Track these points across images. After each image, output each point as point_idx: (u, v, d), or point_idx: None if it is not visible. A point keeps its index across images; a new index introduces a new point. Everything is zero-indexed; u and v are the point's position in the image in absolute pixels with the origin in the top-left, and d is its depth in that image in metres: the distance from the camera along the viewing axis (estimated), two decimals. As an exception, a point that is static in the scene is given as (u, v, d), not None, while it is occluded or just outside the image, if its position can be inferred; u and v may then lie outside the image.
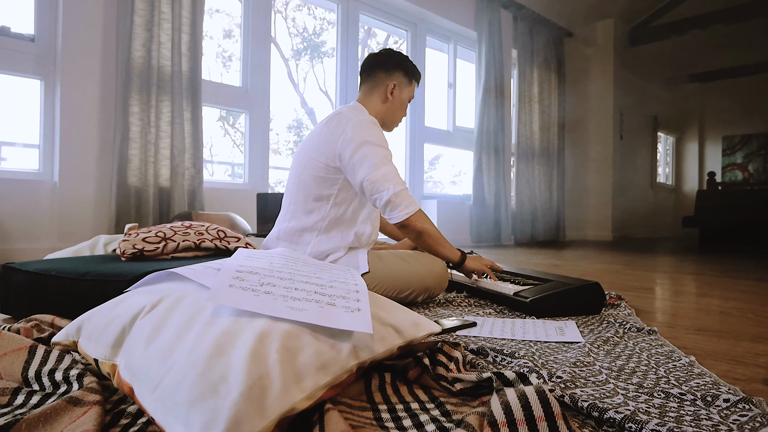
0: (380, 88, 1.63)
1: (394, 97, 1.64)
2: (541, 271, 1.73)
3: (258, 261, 0.82)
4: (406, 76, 1.66)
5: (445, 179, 7.28)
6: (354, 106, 1.61)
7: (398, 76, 1.65)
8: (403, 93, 1.66)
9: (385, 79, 1.63)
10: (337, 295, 0.75)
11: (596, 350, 1.03)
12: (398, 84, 1.64)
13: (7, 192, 2.35)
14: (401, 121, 1.74)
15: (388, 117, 1.67)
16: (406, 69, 1.66)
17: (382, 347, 0.74)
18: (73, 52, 2.51)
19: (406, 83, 1.67)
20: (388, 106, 1.65)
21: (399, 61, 1.65)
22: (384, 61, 1.64)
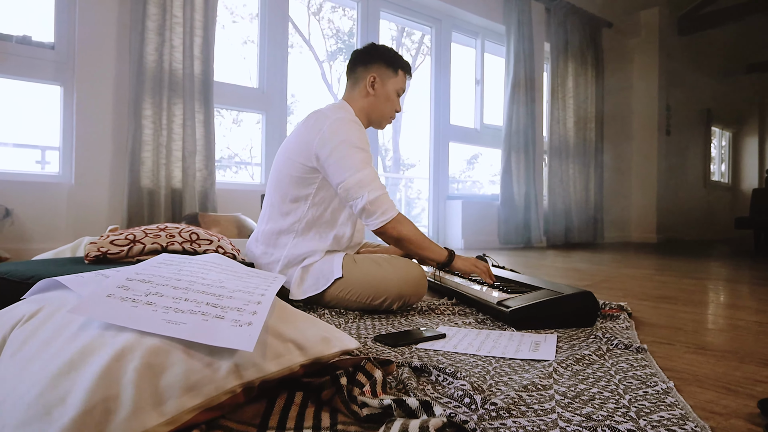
0: (360, 83, 1.57)
1: (376, 91, 1.57)
2: (540, 278, 1.60)
3: (164, 268, 0.76)
4: (389, 66, 1.58)
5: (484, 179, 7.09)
6: (337, 105, 1.54)
7: (378, 68, 1.57)
8: (386, 85, 1.58)
9: (364, 73, 1.57)
10: (231, 306, 0.68)
11: (562, 371, 0.91)
12: (379, 76, 1.56)
13: (29, 193, 2.45)
14: (393, 116, 1.64)
15: (373, 112, 1.59)
16: (387, 59, 1.58)
17: (277, 366, 0.67)
18: (88, 59, 2.59)
19: (390, 74, 1.58)
20: (371, 100, 1.57)
21: (378, 53, 1.58)
22: (363, 56, 1.58)
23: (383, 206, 1.37)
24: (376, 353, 1.00)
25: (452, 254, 1.47)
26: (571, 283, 2.20)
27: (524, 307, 1.25)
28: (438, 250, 1.45)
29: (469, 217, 4.33)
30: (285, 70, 3.43)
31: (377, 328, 1.26)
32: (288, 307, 0.76)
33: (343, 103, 1.57)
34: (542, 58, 4.92)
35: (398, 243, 1.42)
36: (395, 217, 1.39)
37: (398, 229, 1.39)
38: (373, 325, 1.29)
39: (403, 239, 1.40)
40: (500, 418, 0.69)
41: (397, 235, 1.39)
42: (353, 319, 1.34)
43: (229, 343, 0.61)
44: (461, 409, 0.74)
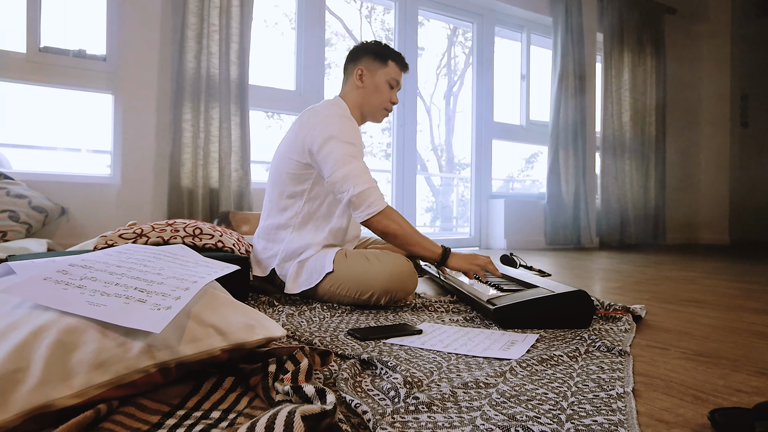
0: (350, 77, 1.59)
1: (365, 83, 1.58)
2: (544, 278, 1.53)
3: (114, 256, 0.82)
4: (377, 58, 1.58)
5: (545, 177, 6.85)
6: (331, 101, 1.57)
7: (365, 60, 1.58)
8: (375, 76, 1.58)
9: (352, 68, 1.59)
10: (158, 291, 0.72)
11: (519, 370, 0.87)
12: (366, 68, 1.58)
13: (84, 193, 2.68)
14: (389, 108, 1.63)
15: (365, 105, 1.60)
16: (375, 51, 1.59)
17: (193, 349, 0.69)
18: (133, 68, 2.79)
19: (378, 65, 1.58)
20: (360, 92, 1.58)
21: (366, 47, 1.60)
22: (351, 52, 1.62)
23: (369, 199, 1.37)
24: (326, 346, 1.00)
25: (447, 252, 1.43)
26: (595, 284, 2.08)
27: (509, 305, 1.20)
28: (431, 246, 1.42)
29: (513, 216, 4.20)
30: (322, 72, 3.51)
31: (360, 322, 1.26)
32: (220, 295, 0.78)
33: (337, 99, 1.60)
34: (594, 49, 4.68)
35: (385, 237, 1.41)
36: (382, 210, 1.38)
37: (384, 222, 1.38)
38: (358, 319, 1.29)
39: (389, 233, 1.39)
40: (417, 413, 0.68)
41: (383, 228, 1.38)
42: (341, 313, 1.36)
43: (139, 325, 0.64)
44: (385, 401, 0.73)
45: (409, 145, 3.96)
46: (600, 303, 1.38)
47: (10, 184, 2.43)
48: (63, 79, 2.71)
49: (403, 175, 3.94)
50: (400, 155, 3.93)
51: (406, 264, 1.41)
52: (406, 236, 1.39)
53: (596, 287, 2.02)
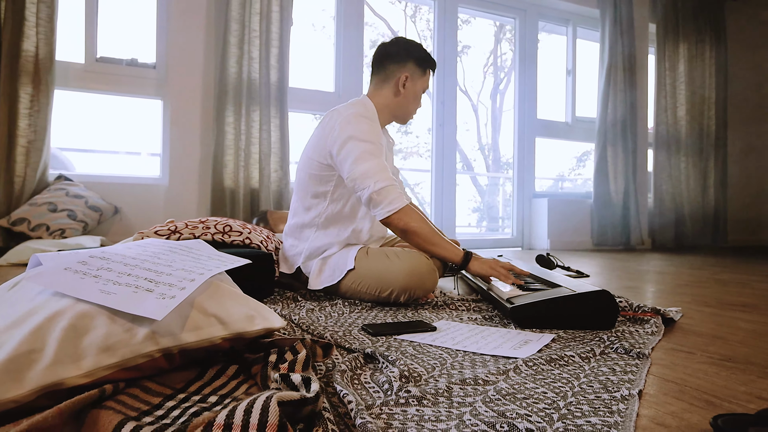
0: (392, 80, 1.57)
1: (406, 90, 1.57)
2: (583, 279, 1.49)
3: (133, 249, 0.87)
4: (420, 66, 1.58)
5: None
6: (355, 101, 1.57)
7: (411, 68, 1.57)
8: (416, 85, 1.58)
9: (396, 71, 1.56)
10: (166, 282, 0.76)
11: (525, 369, 0.86)
12: (411, 76, 1.57)
13: (135, 193, 2.85)
14: (415, 113, 1.65)
15: (400, 110, 1.60)
16: (419, 59, 1.57)
17: (195, 336, 0.73)
18: (180, 75, 2.94)
19: (420, 74, 1.58)
20: (400, 99, 1.58)
21: (411, 51, 1.57)
22: (396, 52, 1.57)
23: (390, 196, 1.37)
24: (336, 340, 1.02)
25: (469, 255, 1.40)
26: (635, 286, 1.99)
27: (526, 304, 1.17)
28: (451, 248, 1.40)
29: (557, 216, 4.08)
30: (360, 73, 3.55)
31: (377, 318, 1.27)
32: (225, 287, 0.82)
33: (364, 99, 1.59)
34: (645, 40, 4.46)
35: (405, 235, 1.40)
36: (402, 208, 1.37)
37: (404, 220, 1.37)
38: (376, 315, 1.30)
39: (409, 231, 1.38)
40: (406, 405, 0.68)
41: (403, 226, 1.38)
42: (360, 309, 1.37)
43: (143, 312, 0.68)
44: (379, 394, 0.74)
45: (449, 144, 3.93)
46: (628, 304, 1.32)
47: (70, 185, 2.62)
48: (117, 87, 2.90)
49: (442, 175, 3.91)
50: (440, 155, 3.91)
51: (426, 262, 1.41)
52: (426, 235, 1.39)
53: (635, 289, 1.93)
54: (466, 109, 10.85)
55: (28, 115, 2.51)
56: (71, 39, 2.81)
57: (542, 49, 4.34)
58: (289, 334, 1.08)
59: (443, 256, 1.41)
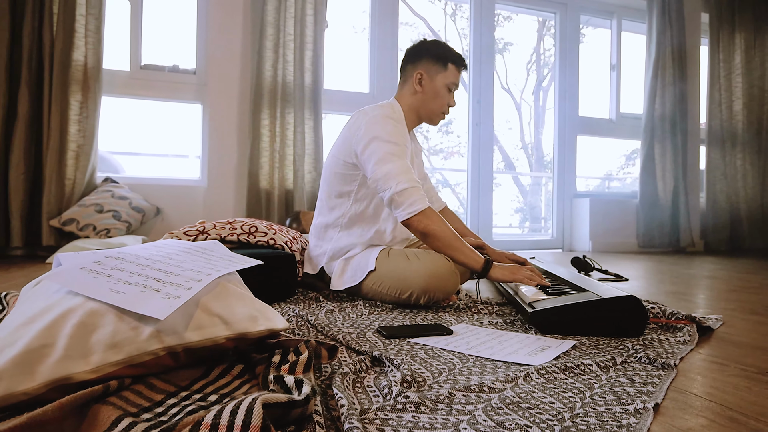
0: (409, 80, 1.58)
1: (424, 87, 1.56)
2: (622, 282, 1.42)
3: (149, 249, 0.90)
4: (437, 61, 1.55)
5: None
6: (383, 103, 1.58)
7: (425, 64, 1.56)
8: (435, 80, 1.56)
9: (411, 70, 1.58)
10: (173, 282, 0.78)
11: (536, 377, 0.82)
12: (426, 72, 1.55)
13: (176, 195, 2.97)
14: (446, 111, 1.61)
15: (422, 109, 1.59)
16: (435, 54, 1.55)
17: (198, 336, 0.74)
18: (218, 80, 3.03)
19: (438, 69, 1.56)
20: (419, 97, 1.57)
21: (424, 48, 1.57)
22: (410, 53, 1.59)
23: (411, 198, 1.36)
24: (347, 341, 1.01)
25: (489, 263, 1.36)
26: (677, 290, 1.88)
27: (547, 309, 1.13)
28: (472, 255, 1.36)
29: (599, 217, 3.92)
30: (395, 74, 3.54)
31: (395, 320, 1.26)
32: (231, 287, 0.83)
33: (392, 101, 1.59)
34: (697, 31, 4.22)
35: (425, 238, 1.38)
36: (423, 210, 1.36)
37: (425, 222, 1.35)
38: (395, 317, 1.29)
39: (429, 234, 1.36)
40: (403, 411, 0.67)
41: (423, 228, 1.36)
42: (380, 311, 1.37)
43: (146, 311, 0.70)
44: (378, 398, 0.73)
45: (486, 143, 3.86)
46: (661, 311, 1.25)
47: (116, 187, 2.76)
48: (160, 93, 3.02)
49: (479, 175, 3.85)
50: (476, 154, 3.85)
51: (446, 264, 1.38)
52: (446, 239, 1.36)
53: (677, 294, 1.82)
54: (509, 108, 10.64)
55: (77, 121, 2.66)
56: (118, 48, 2.96)
57: (584, 44, 4.18)
58: (303, 334, 1.09)
59: (463, 261, 1.37)
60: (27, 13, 2.52)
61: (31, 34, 2.54)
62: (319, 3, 3.11)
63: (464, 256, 1.38)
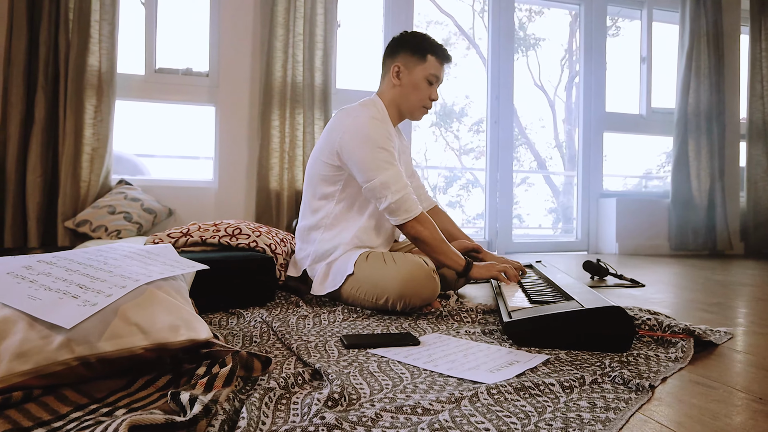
0: (388, 74, 1.53)
1: (402, 80, 1.51)
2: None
3: (86, 253, 0.88)
4: (414, 53, 1.50)
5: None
6: (366, 101, 1.54)
7: (403, 57, 1.51)
8: (413, 73, 1.50)
9: (389, 63, 1.53)
10: (96, 288, 0.75)
11: (483, 398, 0.74)
12: (404, 64, 1.50)
13: (189, 197, 3.00)
14: (428, 105, 1.55)
15: (402, 103, 1.53)
16: (413, 46, 1.50)
17: (113, 346, 0.71)
18: (229, 81, 3.05)
19: (416, 61, 1.50)
20: (397, 91, 1.52)
21: (403, 41, 1.52)
22: (389, 46, 1.55)
23: (406, 205, 1.38)
24: (300, 351, 0.96)
25: (470, 264, 1.40)
26: (696, 299, 1.74)
27: (521, 320, 1.04)
28: (455, 257, 1.40)
29: (627, 217, 3.72)
30: (409, 72, 3.47)
31: (368, 327, 1.20)
32: (160, 295, 0.79)
33: (374, 98, 1.56)
34: (736, 17, 3.94)
35: (416, 242, 1.41)
36: (417, 216, 1.38)
37: (417, 228, 1.38)
38: (369, 325, 1.23)
39: (420, 239, 1.39)
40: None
41: (415, 234, 1.39)
42: (355, 318, 1.31)
43: (54, 319, 0.67)
44: (297, 417, 0.67)
45: (505, 143, 3.73)
46: (658, 322, 1.13)
47: (129, 189, 2.81)
48: (175, 96, 3.06)
49: (497, 175, 3.72)
50: (494, 154, 3.72)
51: (424, 269, 1.31)
52: (434, 244, 1.39)
53: (695, 302, 1.68)
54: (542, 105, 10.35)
55: (92, 125, 2.72)
56: (133, 52, 3.02)
57: (620, 36, 3.98)
58: (258, 343, 1.04)
59: (448, 264, 1.41)
60: (43, 21, 2.60)
61: (47, 40, 2.62)
62: (329, 2, 3.08)
63: (449, 259, 1.40)
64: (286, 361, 0.91)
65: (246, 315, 1.27)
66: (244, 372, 0.78)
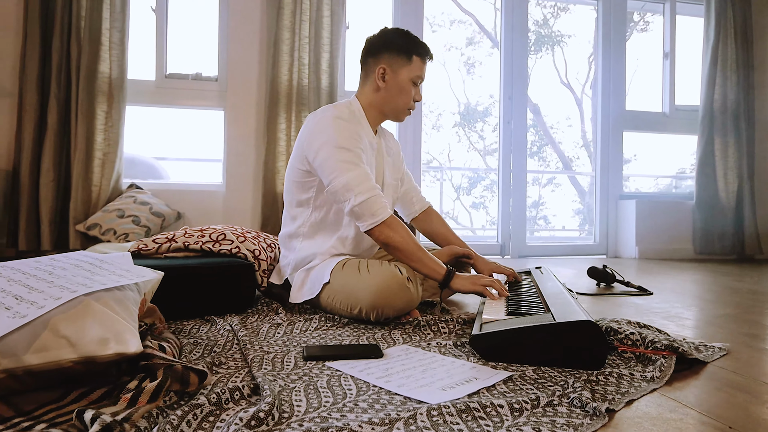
0: (371, 75, 1.46)
1: (387, 83, 1.44)
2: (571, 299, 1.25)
3: (38, 262, 0.88)
4: (400, 54, 1.43)
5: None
6: (339, 102, 1.49)
7: (388, 58, 1.44)
8: (399, 75, 1.44)
9: (373, 65, 1.46)
10: (31, 300, 0.75)
11: (421, 420, 0.70)
12: (389, 66, 1.44)
13: (198, 200, 3.04)
14: (412, 107, 1.49)
15: (386, 106, 1.48)
16: (398, 46, 1.43)
17: (40, 359, 0.70)
18: (236, 86, 3.07)
19: (402, 62, 1.44)
20: (382, 94, 1.46)
21: (386, 41, 1.44)
22: (371, 45, 1.47)
23: (372, 208, 1.29)
24: (251, 361, 0.93)
25: (451, 273, 1.30)
26: (707, 309, 1.64)
27: (486, 334, 0.99)
28: (434, 266, 1.30)
29: (647, 220, 3.57)
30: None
31: (339, 337, 1.17)
32: (96, 306, 0.78)
33: (351, 99, 1.50)
34: (766, 8, 3.73)
35: (387, 249, 1.32)
36: (384, 220, 1.30)
37: (386, 233, 1.29)
38: (339, 334, 1.20)
39: (390, 245, 1.30)
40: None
41: (384, 239, 1.30)
42: (329, 327, 1.28)
43: (-24, 332, 0.67)
44: None
45: (518, 143, 3.64)
46: (641, 337, 1.06)
47: (139, 192, 2.86)
48: (185, 101, 3.11)
49: (510, 177, 3.63)
50: (506, 155, 3.64)
51: (397, 279, 1.26)
52: (408, 250, 1.29)
53: (703, 311, 1.58)
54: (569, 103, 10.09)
55: (103, 131, 2.78)
56: (144, 58, 3.07)
57: (639, 31, 3.83)
58: (220, 351, 1.02)
59: (426, 273, 1.31)
60: (56, 29, 2.68)
61: (59, 49, 2.69)
62: (335, 4, 3.06)
63: (426, 268, 1.31)
64: (236, 373, 0.89)
65: (218, 322, 1.26)
66: (179, 386, 0.76)
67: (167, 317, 1.31)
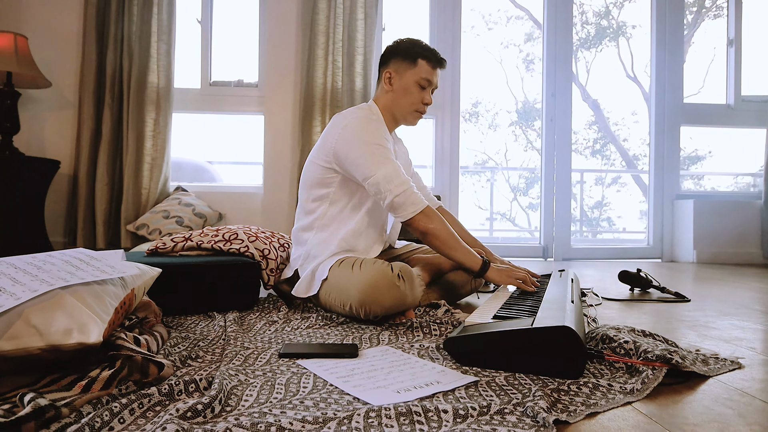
0: (381, 81, 1.55)
1: (393, 86, 1.52)
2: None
3: (32, 257, 0.96)
4: (405, 58, 1.51)
5: None
6: (362, 105, 1.59)
7: (394, 63, 1.52)
8: (404, 77, 1.50)
9: (382, 71, 1.55)
10: (11, 291, 0.82)
11: (356, 422, 0.70)
12: (395, 70, 1.52)
13: (238, 201, 3.18)
14: (421, 110, 1.53)
15: (395, 108, 1.54)
16: (403, 51, 1.51)
17: (11, 345, 0.76)
18: (276, 90, 3.18)
19: (408, 65, 1.50)
20: (390, 96, 1.54)
21: (394, 48, 1.53)
22: (383, 54, 1.56)
23: (411, 198, 1.37)
24: (229, 358, 0.96)
25: (487, 263, 1.39)
26: (741, 320, 1.49)
27: (461, 337, 0.96)
28: (471, 255, 1.39)
29: (707, 221, 3.29)
30: (459, 71, 3.38)
31: (326, 335, 1.18)
32: (68, 299, 0.83)
33: (370, 103, 1.59)
34: None
35: (424, 237, 1.39)
36: (423, 210, 1.38)
37: (425, 222, 1.37)
38: (329, 333, 1.21)
39: (429, 234, 1.37)
40: (144, 446, 0.61)
41: (423, 228, 1.37)
42: (324, 324, 1.29)
43: (-45, 320, 0.74)
44: (150, 426, 0.67)
45: (562, 141, 3.49)
46: (635, 347, 0.98)
47: (184, 195, 3.03)
48: (228, 107, 3.26)
49: (553, 177, 3.49)
50: (550, 154, 3.50)
51: (387, 276, 1.25)
52: (445, 238, 1.38)
53: (728, 321, 1.44)
54: (636, 98, 9.52)
55: (152, 137, 2.98)
56: (190, 68, 3.26)
57: (712, 18, 3.56)
58: (207, 345, 1.06)
59: (462, 262, 1.39)
60: (110, 45, 2.90)
61: (113, 62, 2.92)
62: (369, 6, 3.09)
63: (463, 256, 1.38)
64: (207, 366, 0.93)
65: (217, 318, 1.31)
66: (140, 376, 0.80)
67: (175, 312, 1.39)
